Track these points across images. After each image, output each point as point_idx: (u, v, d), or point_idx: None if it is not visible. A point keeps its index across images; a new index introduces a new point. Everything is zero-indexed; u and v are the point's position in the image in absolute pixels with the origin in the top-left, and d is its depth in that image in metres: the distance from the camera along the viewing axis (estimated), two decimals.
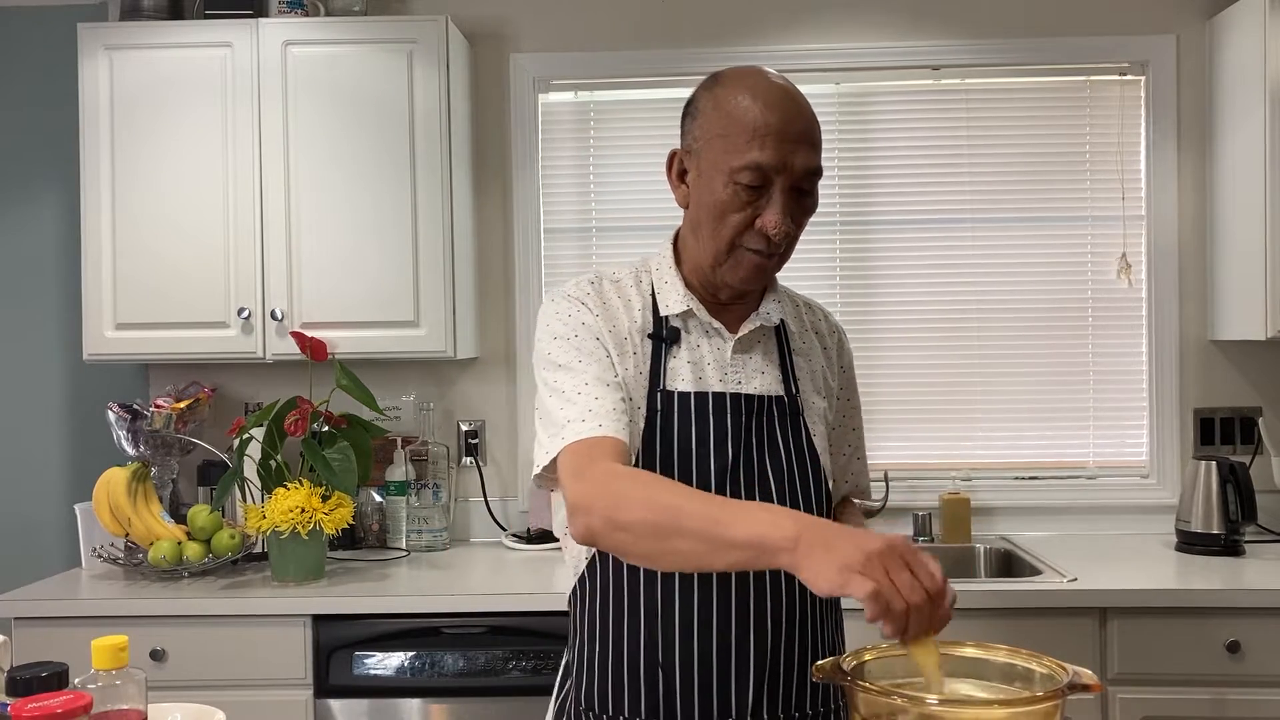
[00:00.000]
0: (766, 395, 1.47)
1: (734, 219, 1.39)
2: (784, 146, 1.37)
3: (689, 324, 1.48)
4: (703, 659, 1.40)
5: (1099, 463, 3.04)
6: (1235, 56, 2.81)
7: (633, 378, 1.43)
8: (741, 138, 1.37)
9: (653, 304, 1.49)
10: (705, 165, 1.42)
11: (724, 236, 1.40)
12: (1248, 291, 2.74)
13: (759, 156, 1.36)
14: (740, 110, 1.38)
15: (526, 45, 3.08)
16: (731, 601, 1.40)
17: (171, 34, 2.80)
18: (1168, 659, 2.33)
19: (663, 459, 1.42)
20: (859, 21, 3.04)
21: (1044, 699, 1.04)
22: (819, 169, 1.42)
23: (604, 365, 1.41)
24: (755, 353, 1.49)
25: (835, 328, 1.64)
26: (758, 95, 1.39)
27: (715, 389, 1.45)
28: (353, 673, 2.42)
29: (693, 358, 1.46)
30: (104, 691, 1.14)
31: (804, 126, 1.39)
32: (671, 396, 1.44)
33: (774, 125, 1.36)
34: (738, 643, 1.40)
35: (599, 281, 1.51)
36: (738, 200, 1.38)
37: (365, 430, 2.66)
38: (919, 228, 3.06)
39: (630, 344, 1.46)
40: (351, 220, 2.77)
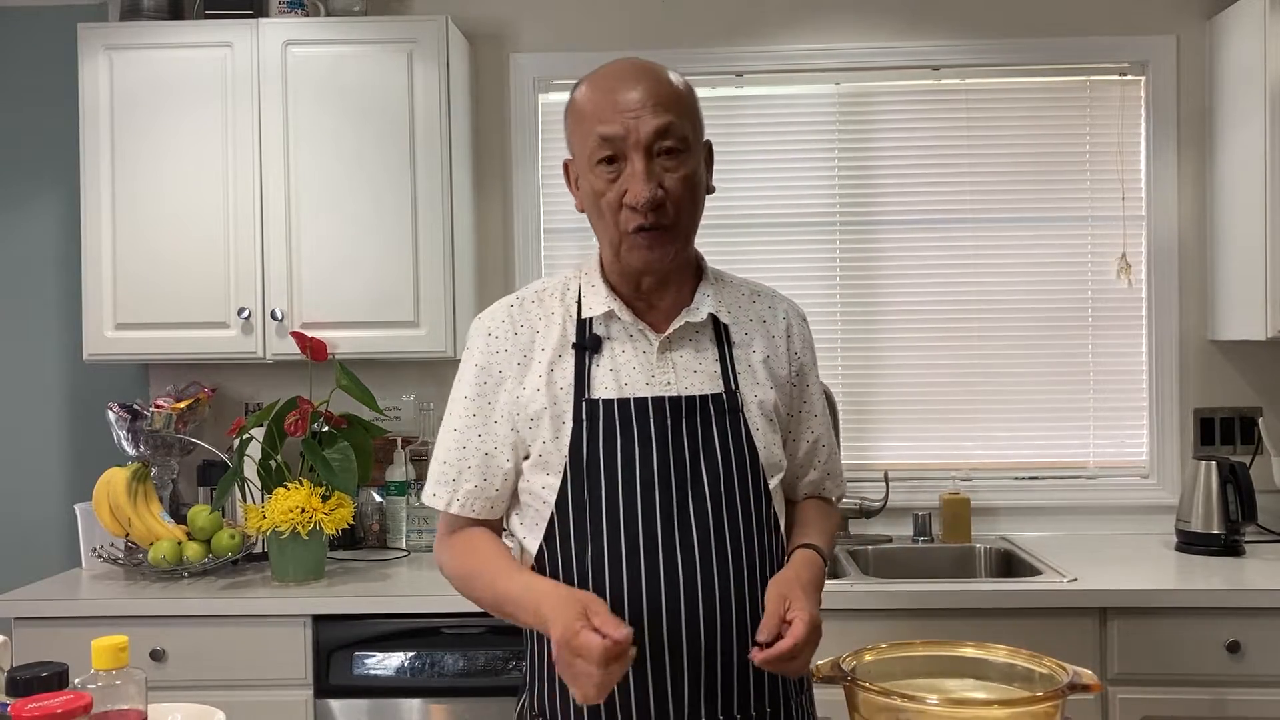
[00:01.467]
0: (699, 394, 1.45)
1: (606, 200, 1.40)
2: (625, 114, 1.38)
3: (613, 329, 1.48)
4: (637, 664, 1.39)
5: (1099, 463, 3.04)
6: (1235, 57, 2.81)
7: (560, 391, 1.45)
8: (588, 121, 1.41)
9: (578, 312, 1.49)
10: (578, 162, 1.45)
11: (609, 224, 1.42)
12: (1248, 291, 2.74)
13: (602, 129, 1.38)
14: (584, 99, 1.43)
15: (526, 45, 3.09)
16: (663, 606, 1.40)
17: (171, 34, 2.80)
18: (1168, 659, 2.33)
19: (589, 469, 1.42)
20: (859, 21, 3.04)
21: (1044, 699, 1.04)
22: (673, 126, 1.39)
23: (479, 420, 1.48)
24: (686, 351, 1.48)
25: (788, 313, 1.58)
26: (596, 81, 1.43)
27: (640, 394, 1.44)
28: (353, 673, 2.42)
29: (615, 364, 1.46)
30: (104, 691, 1.14)
31: (644, 93, 1.39)
32: (596, 405, 1.44)
33: (610, 99, 1.39)
34: (671, 647, 1.40)
35: (520, 302, 1.53)
36: (602, 181, 1.40)
37: (365, 430, 2.66)
38: (919, 228, 3.06)
39: (553, 358, 1.47)
40: (351, 220, 2.77)
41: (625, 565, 1.40)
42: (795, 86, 3.09)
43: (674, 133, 1.39)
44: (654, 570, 1.40)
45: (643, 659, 1.39)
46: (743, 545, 1.43)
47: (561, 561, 1.44)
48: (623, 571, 1.40)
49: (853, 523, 2.93)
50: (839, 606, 2.36)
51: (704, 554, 1.41)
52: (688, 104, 1.44)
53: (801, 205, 3.07)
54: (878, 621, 2.36)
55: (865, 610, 2.37)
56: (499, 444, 1.48)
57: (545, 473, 1.45)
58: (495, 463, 1.48)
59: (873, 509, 2.89)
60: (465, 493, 1.49)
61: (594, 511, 1.42)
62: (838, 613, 2.36)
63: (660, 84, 1.41)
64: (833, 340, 3.05)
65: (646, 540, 1.40)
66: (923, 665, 1.21)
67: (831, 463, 1.64)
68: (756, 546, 1.45)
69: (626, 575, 1.40)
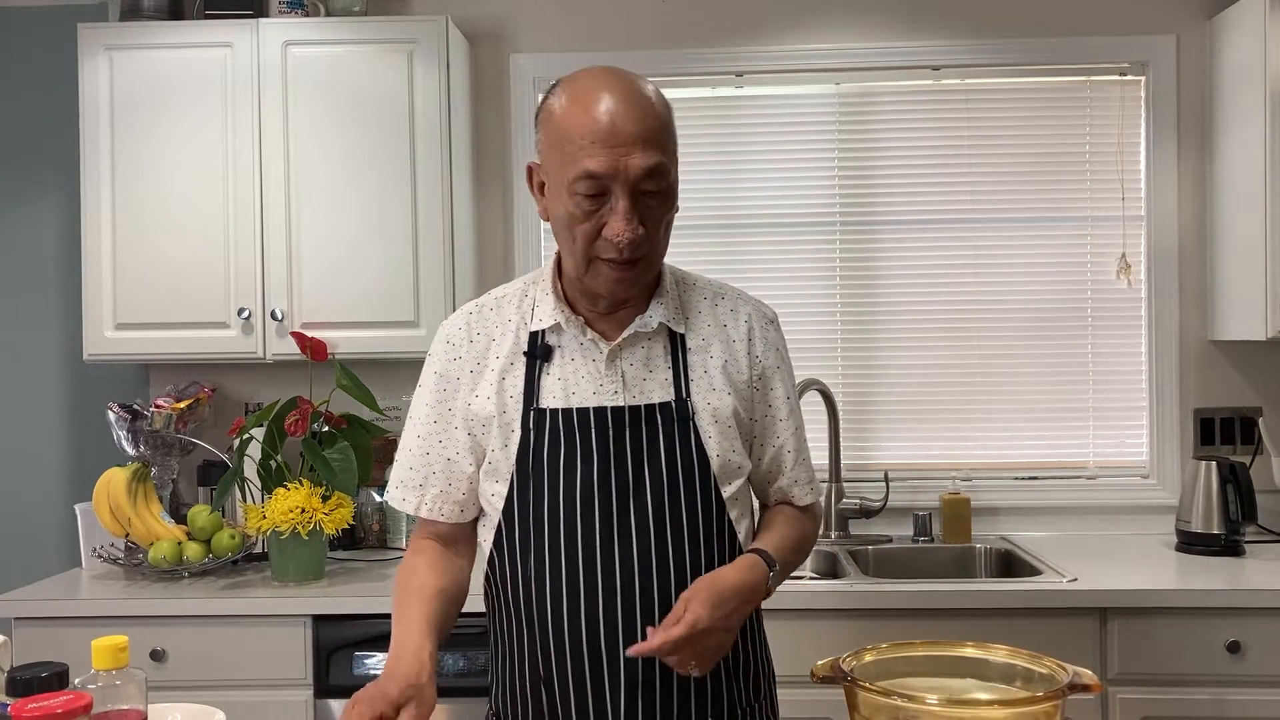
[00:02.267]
0: (646, 404, 1.44)
1: (581, 229, 1.36)
2: (614, 151, 1.32)
3: (563, 337, 1.47)
4: (576, 673, 1.40)
5: (1099, 463, 3.04)
6: (1235, 56, 2.81)
7: (510, 400, 1.45)
8: (571, 147, 1.34)
9: (531, 320, 1.49)
10: (550, 178, 1.40)
11: (579, 249, 1.38)
12: (1248, 292, 2.74)
13: (590, 165, 1.32)
14: (569, 119, 1.35)
15: (526, 45, 3.08)
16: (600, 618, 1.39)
17: (171, 34, 2.80)
18: (1168, 659, 2.33)
19: (534, 478, 1.43)
20: (859, 21, 3.04)
21: (1044, 699, 1.04)
22: (662, 167, 1.35)
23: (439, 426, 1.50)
24: (636, 360, 1.46)
25: (749, 316, 1.54)
26: (586, 101, 1.34)
27: (586, 403, 1.43)
28: (353, 673, 2.42)
29: (564, 373, 1.45)
30: (104, 691, 1.14)
31: (637, 127, 1.33)
32: (544, 415, 1.44)
33: (602, 131, 1.32)
34: (609, 660, 1.39)
35: (479, 309, 1.54)
36: (580, 211, 1.35)
37: (365, 430, 2.66)
38: (919, 228, 3.06)
39: (505, 366, 1.47)
40: (351, 220, 2.77)
41: (565, 576, 1.40)
42: (795, 86, 3.09)
43: (661, 173, 1.35)
44: (591, 582, 1.40)
45: (582, 672, 1.40)
46: (687, 556, 1.41)
47: (508, 569, 1.46)
48: (562, 582, 1.40)
49: (853, 523, 2.93)
50: (839, 606, 2.36)
51: (644, 565, 1.40)
52: (672, 134, 1.40)
53: (801, 205, 3.07)
54: (878, 621, 2.36)
55: (865, 610, 2.37)
56: (460, 449, 1.49)
57: (495, 480, 1.46)
58: (458, 468, 1.50)
59: (873, 509, 2.89)
60: (432, 497, 1.51)
61: (537, 521, 1.43)
62: (838, 613, 2.36)
63: (649, 115, 1.35)
64: (833, 340, 3.05)
65: (585, 552, 1.40)
66: (923, 665, 1.21)
67: (799, 469, 1.58)
68: (704, 556, 1.43)
69: (566, 586, 1.40)
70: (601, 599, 1.39)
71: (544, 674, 1.43)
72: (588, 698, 1.41)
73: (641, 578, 1.40)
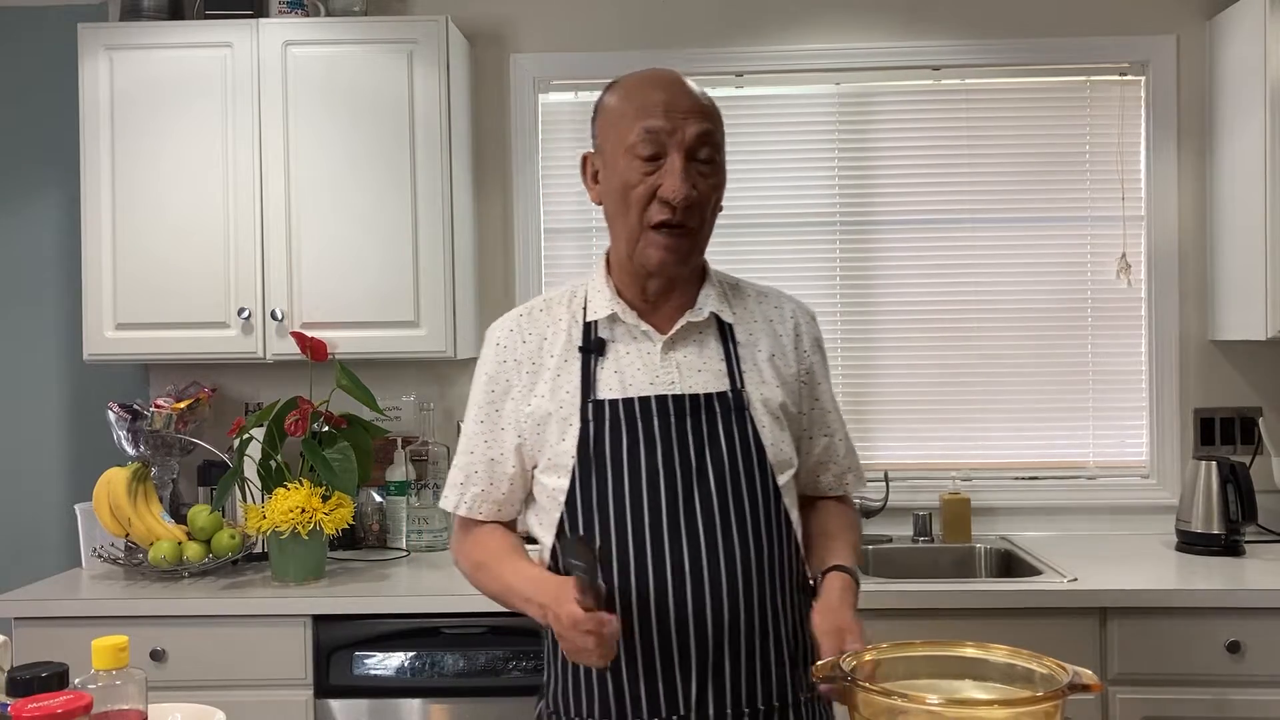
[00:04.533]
0: (704, 393, 1.47)
1: (637, 193, 1.43)
2: (673, 114, 1.43)
3: (616, 331, 1.51)
4: (646, 657, 1.41)
5: (1099, 463, 3.04)
6: (1235, 56, 2.80)
7: (566, 395, 1.48)
8: (631, 114, 1.44)
9: (583, 316, 1.52)
10: (608, 154, 1.48)
11: (632, 216, 1.44)
12: (1248, 292, 2.74)
13: (650, 122, 1.42)
14: (633, 94, 1.47)
15: (526, 45, 3.08)
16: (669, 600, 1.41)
17: (171, 34, 2.80)
18: (1168, 659, 2.33)
19: (597, 468, 1.45)
20: (859, 21, 3.04)
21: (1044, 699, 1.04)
22: (714, 137, 1.46)
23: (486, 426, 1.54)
24: (690, 350, 1.50)
25: (794, 312, 1.61)
26: (648, 80, 1.48)
27: (644, 393, 1.46)
28: (353, 673, 2.42)
29: (619, 366, 1.49)
30: (104, 691, 1.14)
31: (693, 102, 1.45)
32: (602, 406, 1.46)
33: (661, 98, 1.44)
34: (679, 641, 1.41)
35: (529, 312, 1.58)
36: (636, 173, 1.43)
37: (365, 430, 2.66)
38: (919, 228, 3.06)
39: (561, 362, 1.50)
40: (352, 220, 2.77)
41: (633, 562, 1.42)
42: (795, 86, 3.09)
43: (712, 143, 1.46)
44: (660, 565, 1.42)
45: (651, 653, 1.41)
46: (750, 540, 1.44)
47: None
48: (630, 568, 1.42)
49: None
50: None
51: (710, 548, 1.42)
52: (722, 124, 1.51)
53: (801, 205, 3.07)
54: (878, 621, 2.35)
55: (865, 610, 2.32)
56: (505, 450, 1.53)
57: (555, 474, 1.48)
58: (500, 468, 1.54)
59: (873, 509, 2.89)
60: (472, 495, 1.56)
61: (601, 510, 1.44)
62: None
63: (704, 97, 1.48)
64: (833, 340, 3.05)
65: (653, 536, 1.42)
66: (923, 665, 1.21)
67: (850, 458, 1.65)
68: (765, 541, 1.46)
69: (635, 571, 1.42)
70: (670, 583, 1.41)
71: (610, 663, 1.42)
72: (658, 684, 1.42)
73: (709, 560, 1.42)
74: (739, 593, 1.42)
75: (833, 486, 1.64)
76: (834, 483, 1.64)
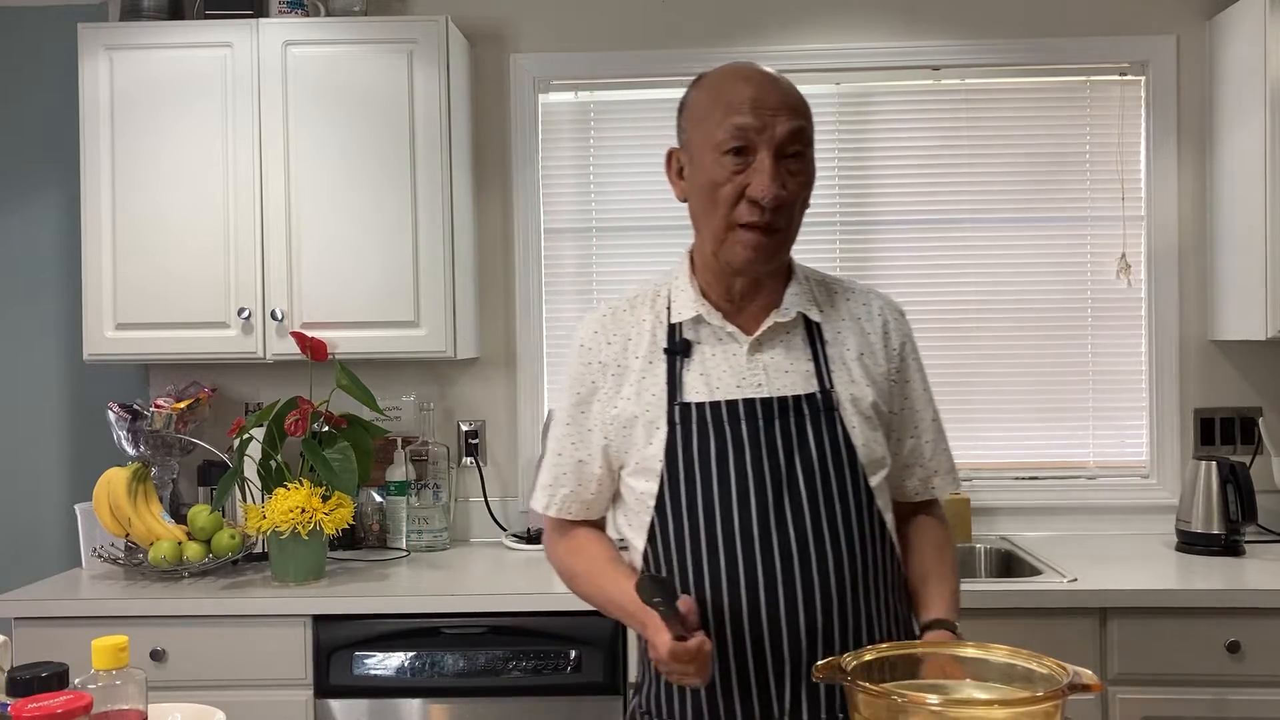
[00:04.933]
0: (792, 395, 1.45)
1: (724, 192, 1.41)
2: (762, 111, 1.40)
3: (702, 332, 1.49)
4: (739, 664, 1.41)
5: (1099, 463, 3.04)
6: (1235, 56, 2.80)
7: (652, 397, 1.47)
8: (721, 111, 1.42)
9: (667, 317, 1.51)
10: (695, 150, 1.45)
11: (719, 215, 1.42)
12: (1248, 292, 2.74)
13: (738, 120, 1.40)
14: (720, 90, 1.44)
15: (526, 45, 3.08)
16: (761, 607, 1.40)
17: (171, 34, 2.80)
18: (1168, 659, 2.33)
19: (685, 472, 1.44)
20: (859, 21, 3.04)
21: (1044, 699, 1.04)
22: (805, 133, 1.43)
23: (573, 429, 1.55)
24: (777, 351, 1.48)
25: (883, 309, 1.57)
26: (736, 75, 1.45)
27: (730, 396, 1.44)
28: (353, 673, 2.42)
29: (705, 368, 1.47)
30: (104, 691, 1.14)
31: (783, 97, 1.42)
32: (689, 409, 1.45)
33: (751, 93, 1.41)
34: (772, 648, 1.40)
35: (613, 312, 1.56)
36: (724, 171, 1.40)
37: (365, 430, 2.66)
38: (919, 228, 3.06)
39: (646, 364, 1.49)
40: (351, 220, 2.77)
41: (724, 567, 1.41)
42: None
43: (803, 139, 1.43)
44: (752, 571, 1.40)
45: (744, 661, 1.40)
46: (843, 544, 1.42)
47: (664, 563, 1.46)
48: (721, 573, 1.41)
49: None
50: None
51: (802, 554, 1.40)
52: (812, 119, 1.48)
53: None
54: None
55: None
56: (592, 452, 1.53)
57: (643, 478, 1.48)
58: (588, 470, 1.54)
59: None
60: (562, 497, 1.58)
61: (691, 514, 1.43)
62: None
63: (795, 92, 1.45)
64: None
65: (743, 542, 1.41)
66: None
67: (938, 459, 1.60)
68: (858, 545, 1.43)
69: (726, 576, 1.41)
70: (763, 589, 1.40)
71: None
72: (751, 691, 1.41)
73: (801, 565, 1.40)
74: (832, 598, 1.40)
75: (919, 491, 1.59)
76: (919, 487, 1.59)
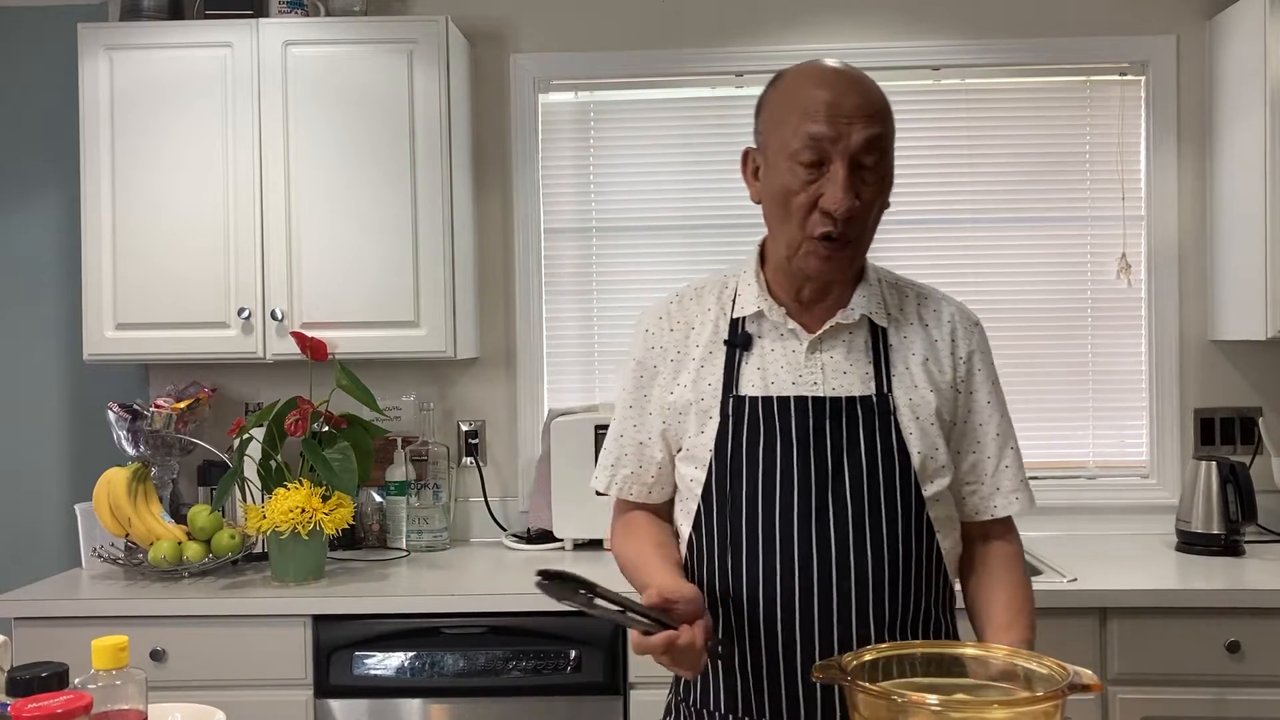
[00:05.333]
0: (849, 396, 1.43)
1: (798, 201, 1.38)
2: (838, 119, 1.36)
3: (763, 326, 1.48)
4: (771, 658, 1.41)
5: (1099, 463, 3.04)
6: (1235, 57, 2.80)
7: (708, 386, 1.48)
8: (795, 116, 1.39)
9: (731, 310, 1.51)
10: (770, 154, 1.44)
11: (793, 223, 1.40)
12: (1248, 292, 2.74)
13: (812, 128, 1.36)
14: (795, 93, 1.41)
15: (526, 45, 3.08)
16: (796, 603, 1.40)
17: (171, 34, 2.80)
18: (1168, 659, 2.33)
19: (733, 464, 1.44)
20: (859, 21, 3.04)
21: (1044, 699, 1.04)
22: (882, 140, 1.39)
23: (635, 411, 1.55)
24: (838, 352, 1.46)
25: (952, 316, 1.53)
26: (812, 77, 1.42)
27: (784, 393, 1.44)
28: (353, 673, 2.42)
29: (763, 362, 1.47)
30: (104, 691, 1.14)
31: (860, 100, 1.38)
32: (743, 402, 1.45)
33: (826, 99, 1.37)
34: (804, 643, 1.40)
35: (679, 299, 1.56)
36: (798, 180, 1.38)
37: (365, 430, 2.66)
38: (919, 228, 3.06)
39: (706, 354, 1.49)
40: (351, 220, 2.77)
41: (762, 561, 1.41)
42: None
43: (880, 147, 1.39)
44: (790, 567, 1.40)
45: (776, 656, 1.41)
46: (885, 546, 1.40)
47: (706, 552, 1.47)
48: (759, 567, 1.41)
49: None
50: None
51: (841, 553, 1.40)
52: (892, 122, 1.43)
53: None
54: None
55: None
56: (652, 434, 1.53)
57: (693, 465, 1.49)
58: (649, 452, 1.54)
59: None
60: (622, 478, 1.57)
61: (735, 506, 1.44)
62: None
63: (873, 94, 1.41)
64: None
65: (784, 537, 1.41)
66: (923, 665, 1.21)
67: (1000, 477, 1.51)
68: (901, 548, 1.41)
69: (763, 571, 1.41)
70: (799, 585, 1.40)
71: (738, 659, 1.43)
72: (780, 687, 1.41)
73: (839, 565, 1.39)
74: (869, 598, 1.39)
75: (979, 509, 1.51)
76: (980, 505, 1.51)
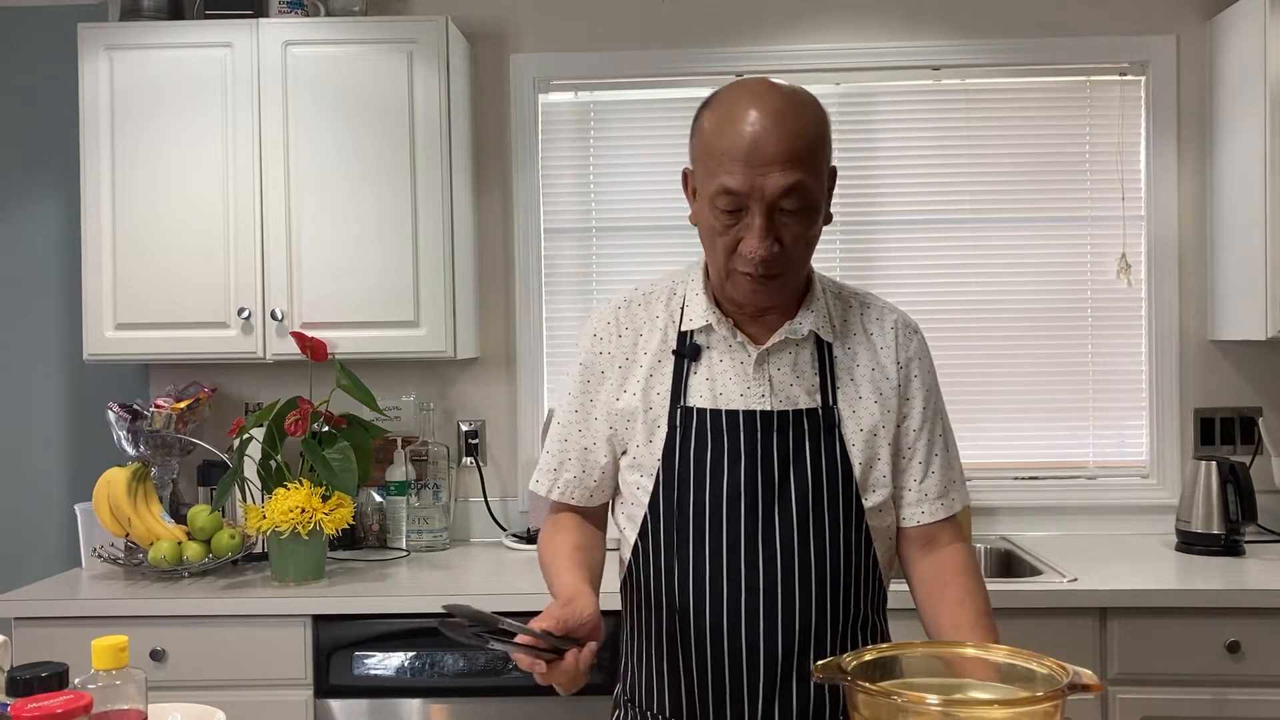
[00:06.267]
0: (793, 409, 1.45)
1: (721, 241, 1.38)
2: (752, 171, 1.32)
3: (712, 337, 1.48)
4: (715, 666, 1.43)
5: (1099, 463, 3.04)
6: (1235, 56, 2.80)
7: (656, 396, 1.48)
8: (714, 162, 1.35)
9: (680, 319, 1.51)
10: (697, 187, 1.43)
11: (719, 259, 1.41)
12: (1248, 291, 2.74)
13: (727, 181, 1.33)
14: (715, 134, 1.36)
15: (526, 45, 3.08)
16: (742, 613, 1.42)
17: (171, 34, 2.80)
18: (1168, 659, 2.33)
19: (680, 475, 1.45)
20: (859, 21, 3.04)
21: (1044, 699, 1.04)
22: (801, 186, 1.33)
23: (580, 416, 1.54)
24: (784, 365, 1.47)
25: (895, 324, 1.54)
26: (734, 118, 1.35)
27: (733, 405, 1.45)
28: (353, 673, 2.42)
29: (712, 374, 1.47)
30: (104, 691, 1.14)
31: (778, 146, 1.32)
32: (690, 413, 1.46)
33: (743, 149, 1.32)
34: (749, 653, 1.42)
35: (628, 305, 1.55)
36: (720, 224, 1.37)
37: (365, 430, 2.66)
38: (919, 228, 3.06)
39: (655, 362, 1.49)
40: (351, 220, 2.77)
41: (709, 570, 1.43)
42: None
43: (800, 192, 1.34)
44: (735, 576, 1.42)
45: (721, 664, 1.43)
46: (827, 560, 1.43)
47: (653, 559, 1.48)
48: (705, 576, 1.43)
49: None
50: None
51: (787, 565, 1.42)
52: (821, 154, 1.37)
53: None
54: None
55: None
56: (597, 440, 1.53)
57: (639, 474, 1.49)
58: (593, 457, 1.54)
59: None
60: (565, 481, 1.56)
61: (682, 517, 1.45)
62: None
63: (795, 134, 1.33)
64: None
65: (730, 548, 1.42)
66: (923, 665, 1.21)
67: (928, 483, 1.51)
68: (843, 562, 1.44)
69: (709, 579, 1.43)
70: (744, 600, 1.42)
71: (683, 664, 1.44)
72: (725, 694, 1.43)
73: (784, 577, 1.42)
74: (811, 613, 1.42)
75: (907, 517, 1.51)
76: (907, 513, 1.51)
